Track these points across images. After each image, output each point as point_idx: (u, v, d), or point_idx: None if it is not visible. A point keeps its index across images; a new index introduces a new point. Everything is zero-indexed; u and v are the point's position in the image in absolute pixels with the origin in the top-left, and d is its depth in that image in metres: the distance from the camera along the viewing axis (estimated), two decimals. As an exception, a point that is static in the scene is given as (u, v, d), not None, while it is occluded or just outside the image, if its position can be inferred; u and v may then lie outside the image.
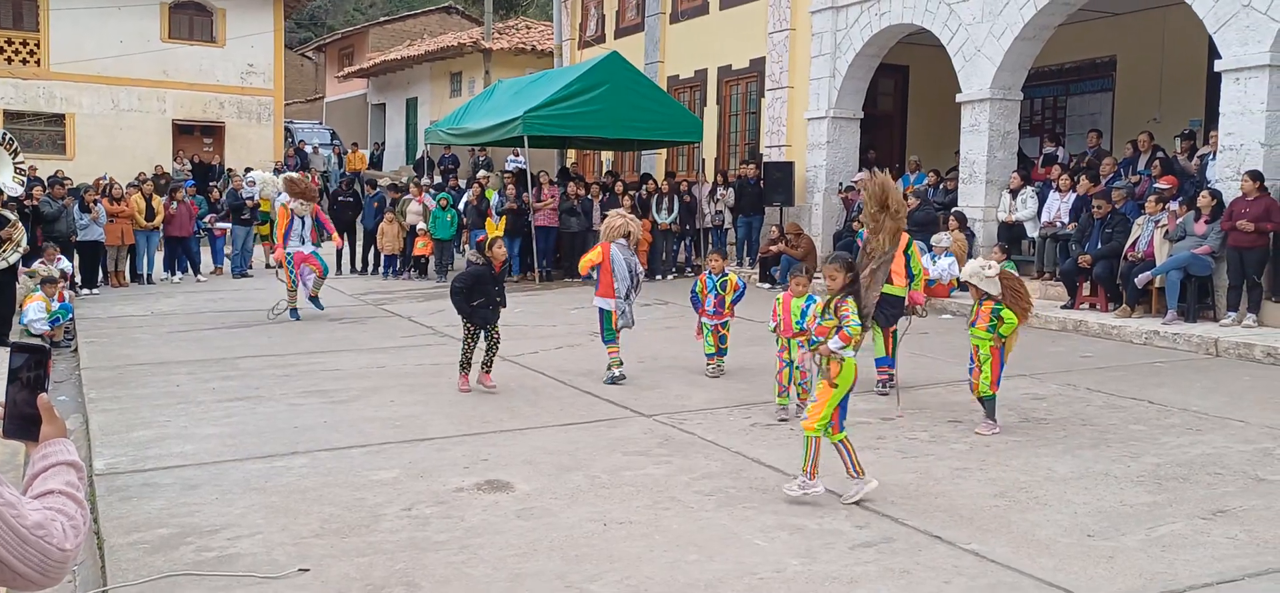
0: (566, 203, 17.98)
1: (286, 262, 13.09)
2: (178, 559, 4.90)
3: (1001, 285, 7.28)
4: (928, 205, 15.51)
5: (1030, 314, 7.54)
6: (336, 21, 52.13)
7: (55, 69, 29.24)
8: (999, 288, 7.25)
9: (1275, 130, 11.48)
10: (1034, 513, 5.55)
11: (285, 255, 13.11)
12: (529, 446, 6.96)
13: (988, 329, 7.24)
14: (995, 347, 7.28)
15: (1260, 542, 5.12)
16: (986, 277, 7.31)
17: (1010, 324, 7.22)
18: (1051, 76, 18.00)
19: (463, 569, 4.76)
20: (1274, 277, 11.42)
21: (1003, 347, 7.33)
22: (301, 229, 13.30)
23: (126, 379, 9.28)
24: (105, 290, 16.50)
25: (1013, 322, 7.22)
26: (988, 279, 7.30)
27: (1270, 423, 7.58)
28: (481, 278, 8.81)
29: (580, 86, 17.56)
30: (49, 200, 15.67)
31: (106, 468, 6.41)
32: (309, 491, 5.93)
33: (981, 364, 7.30)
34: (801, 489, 5.68)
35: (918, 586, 4.57)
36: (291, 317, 12.99)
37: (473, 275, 8.88)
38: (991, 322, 7.22)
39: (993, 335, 7.24)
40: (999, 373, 7.34)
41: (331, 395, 8.56)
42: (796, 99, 18.34)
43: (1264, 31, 11.35)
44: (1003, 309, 7.22)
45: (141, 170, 22.29)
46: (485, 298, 8.74)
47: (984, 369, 7.28)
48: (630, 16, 23.66)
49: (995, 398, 7.36)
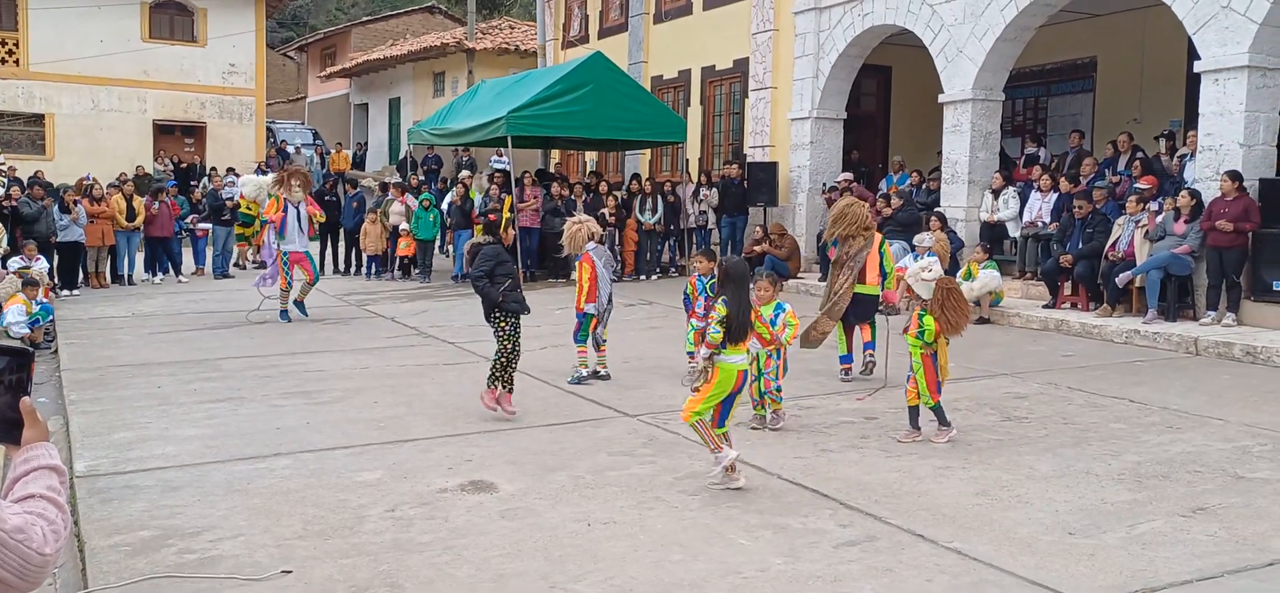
0: (550, 203, 17.96)
1: (282, 258, 12.75)
2: (159, 562, 4.88)
3: (937, 292, 6.90)
4: (910, 206, 15.57)
5: (962, 329, 7.00)
6: (319, 21, 51.96)
7: (34, 69, 29.03)
8: (931, 292, 6.91)
9: (1254, 131, 11.57)
10: (1016, 512, 5.58)
11: (282, 253, 12.75)
12: (513, 446, 6.95)
13: (917, 335, 6.92)
14: (925, 354, 6.92)
15: (1239, 539, 5.16)
16: (923, 279, 6.97)
17: (929, 331, 6.85)
18: (1033, 77, 18.09)
19: (447, 570, 4.75)
20: (1253, 276, 11.51)
21: (934, 355, 6.95)
22: (297, 221, 12.91)
23: (107, 381, 9.23)
24: (86, 291, 16.40)
25: (931, 328, 6.85)
26: (923, 282, 6.96)
27: (1249, 421, 7.64)
28: (501, 256, 7.92)
29: (564, 87, 17.53)
30: (28, 201, 15.56)
31: (87, 470, 6.37)
32: (292, 492, 5.91)
33: (914, 372, 6.98)
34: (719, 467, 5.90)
35: (901, 584, 4.59)
36: (281, 318, 12.79)
37: (492, 256, 7.84)
38: (919, 327, 6.91)
39: (921, 342, 6.91)
40: (935, 381, 6.96)
41: (314, 397, 8.53)
42: (780, 99, 18.37)
43: (1243, 32, 11.44)
44: (925, 315, 6.89)
45: (122, 171, 22.16)
46: (511, 279, 7.80)
47: (917, 378, 6.95)
48: (614, 17, 23.66)
49: (940, 406, 7.00)
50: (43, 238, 15.27)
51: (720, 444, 5.91)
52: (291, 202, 12.89)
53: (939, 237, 14.37)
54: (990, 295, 12.87)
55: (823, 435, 7.25)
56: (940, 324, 6.86)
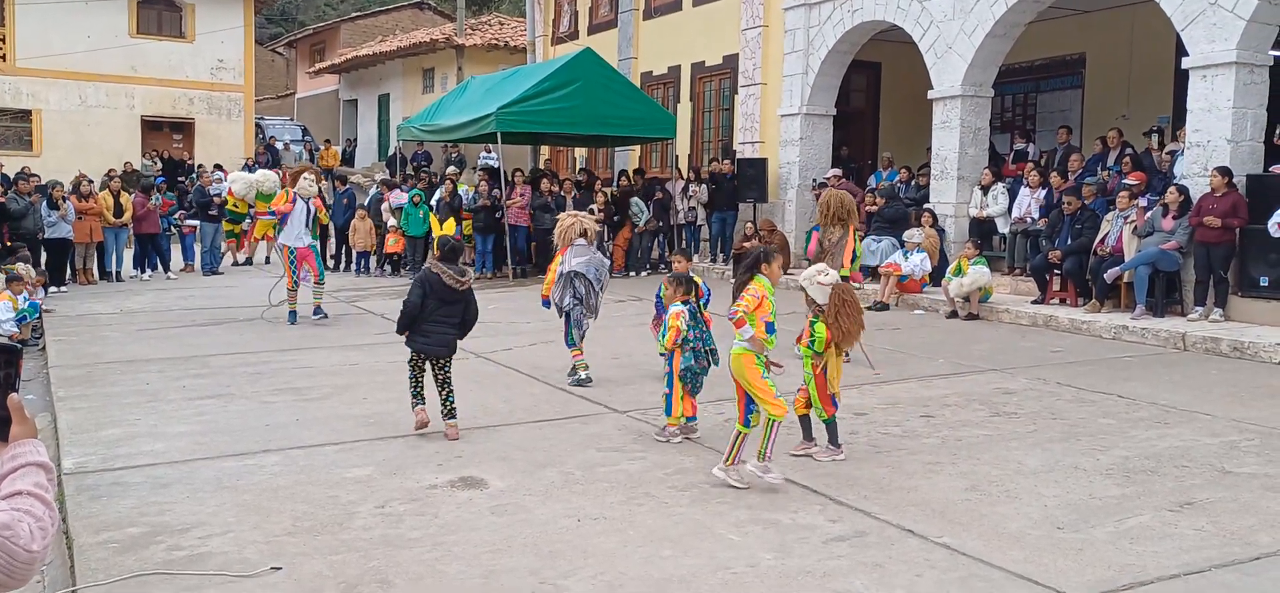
0: (539, 199, 17.95)
1: (289, 256, 12.38)
2: (148, 559, 4.86)
3: (833, 298, 6.42)
4: (898, 202, 15.60)
5: (855, 339, 6.53)
6: (308, 17, 51.81)
7: (21, 64, 28.90)
8: (826, 297, 6.43)
9: (1242, 127, 11.62)
10: (1004, 506, 5.60)
11: (289, 251, 12.37)
12: (503, 442, 6.94)
13: (809, 344, 6.50)
14: (816, 366, 6.47)
15: (1227, 533, 5.19)
16: (818, 283, 6.47)
17: (819, 339, 6.40)
18: (1022, 73, 18.13)
19: (436, 567, 4.75)
20: (1240, 271, 11.56)
21: (825, 368, 6.48)
22: (305, 219, 12.49)
23: (95, 378, 9.19)
24: (73, 288, 16.32)
25: (822, 336, 6.39)
26: (818, 286, 6.47)
27: (1236, 416, 7.68)
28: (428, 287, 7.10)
29: (553, 83, 17.53)
30: (15, 198, 15.49)
31: (75, 467, 6.34)
32: (281, 489, 5.90)
33: (805, 383, 6.59)
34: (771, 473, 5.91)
35: (890, 579, 4.60)
36: (290, 320, 12.30)
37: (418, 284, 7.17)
38: (811, 336, 6.47)
39: (811, 352, 6.48)
40: (827, 394, 6.49)
41: (303, 393, 8.52)
42: (769, 95, 18.38)
43: (1230, 29, 11.48)
44: (817, 322, 6.44)
45: (111, 167, 22.07)
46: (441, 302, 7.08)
47: (809, 390, 6.53)
48: (603, 13, 23.64)
49: (835, 421, 6.54)
50: (30, 235, 15.19)
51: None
52: (303, 197, 12.48)
53: (929, 232, 14.45)
54: (979, 292, 12.91)
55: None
56: (831, 332, 6.38)
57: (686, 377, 6.90)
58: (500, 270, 17.81)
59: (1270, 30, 11.61)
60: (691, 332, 6.93)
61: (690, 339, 6.92)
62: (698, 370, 6.92)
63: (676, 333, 6.90)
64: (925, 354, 10.27)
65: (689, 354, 6.89)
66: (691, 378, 6.91)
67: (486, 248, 17.98)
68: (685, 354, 6.89)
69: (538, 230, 17.89)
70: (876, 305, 13.79)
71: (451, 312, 7.05)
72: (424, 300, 6.99)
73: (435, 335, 7.04)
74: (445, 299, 7.02)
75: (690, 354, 6.89)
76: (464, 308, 7.11)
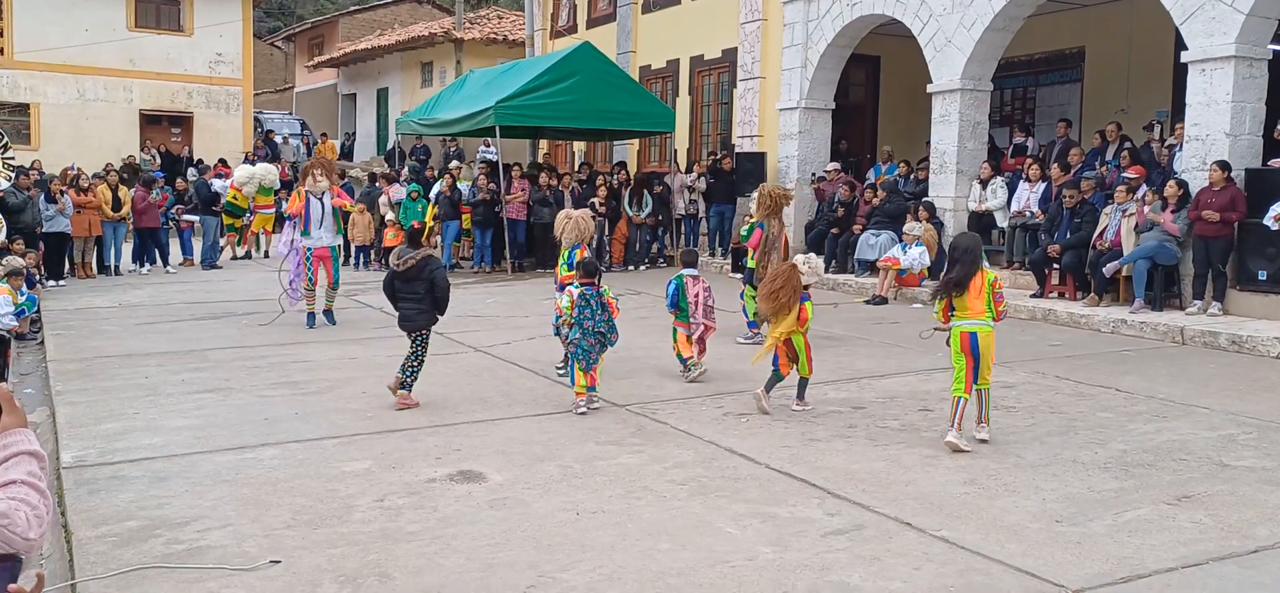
0: (538, 193, 17.94)
1: (305, 257, 11.75)
2: (147, 552, 4.86)
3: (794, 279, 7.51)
4: (898, 196, 15.60)
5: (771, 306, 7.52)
6: (306, 11, 51.75)
7: (19, 58, 28.87)
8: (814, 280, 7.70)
9: (1240, 121, 11.61)
10: (1003, 500, 5.60)
11: (306, 251, 11.75)
12: (501, 436, 6.95)
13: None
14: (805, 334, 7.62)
15: (1225, 526, 5.19)
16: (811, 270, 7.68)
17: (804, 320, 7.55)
18: (1021, 67, 18.13)
19: (435, 560, 4.75)
20: (1239, 265, 11.57)
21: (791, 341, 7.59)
22: (320, 216, 11.77)
23: (94, 371, 9.19)
24: (72, 282, 16.32)
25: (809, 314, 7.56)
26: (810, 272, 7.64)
27: (1234, 410, 7.68)
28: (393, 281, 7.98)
29: (552, 77, 17.52)
30: (14, 191, 15.47)
31: (74, 461, 6.34)
32: (280, 482, 5.90)
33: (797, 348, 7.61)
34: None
35: (888, 572, 4.61)
36: (307, 323, 11.71)
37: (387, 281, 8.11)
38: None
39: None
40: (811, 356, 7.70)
41: (302, 387, 8.52)
42: (768, 89, 18.37)
43: (1229, 23, 11.47)
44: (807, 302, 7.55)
45: (109, 161, 22.05)
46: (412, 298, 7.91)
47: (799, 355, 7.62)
48: (602, 6, 23.62)
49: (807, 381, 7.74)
50: (28, 228, 15.18)
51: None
52: (314, 194, 11.82)
53: (927, 226, 14.45)
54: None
55: (810, 425, 7.27)
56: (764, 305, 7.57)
57: (577, 352, 7.70)
58: (499, 264, 17.81)
59: (1269, 24, 11.61)
60: (582, 313, 7.71)
61: (582, 319, 7.69)
62: (586, 348, 7.64)
63: (559, 310, 7.99)
64: (922, 350, 10.26)
65: (576, 330, 7.69)
66: (581, 354, 7.66)
67: (485, 242, 17.97)
68: (572, 330, 7.73)
69: (536, 225, 17.89)
70: (875, 299, 13.80)
71: (413, 288, 7.84)
72: (391, 283, 7.97)
73: (402, 311, 7.96)
74: (403, 278, 7.84)
75: (576, 330, 7.69)
76: (428, 286, 7.84)
